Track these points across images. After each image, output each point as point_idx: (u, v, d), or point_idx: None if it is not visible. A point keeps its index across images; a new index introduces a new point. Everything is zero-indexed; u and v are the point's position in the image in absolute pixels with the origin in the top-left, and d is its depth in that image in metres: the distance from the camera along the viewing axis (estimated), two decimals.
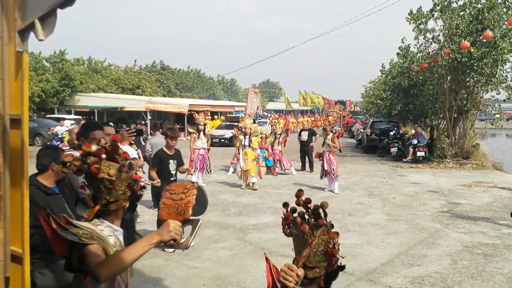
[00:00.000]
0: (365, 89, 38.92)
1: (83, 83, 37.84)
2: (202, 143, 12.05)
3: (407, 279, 5.54)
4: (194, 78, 68.46)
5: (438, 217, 8.89)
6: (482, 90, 17.83)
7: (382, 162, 18.96)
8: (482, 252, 6.61)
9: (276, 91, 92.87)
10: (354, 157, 21.03)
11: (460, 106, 18.28)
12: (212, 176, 13.38)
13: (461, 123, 18.88)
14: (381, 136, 22.38)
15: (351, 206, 9.78)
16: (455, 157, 18.19)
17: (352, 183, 12.89)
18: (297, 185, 12.53)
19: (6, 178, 2.13)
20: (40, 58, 36.34)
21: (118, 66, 51.22)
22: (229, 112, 44.51)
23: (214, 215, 8.81)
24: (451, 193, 11.59)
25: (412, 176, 14.54)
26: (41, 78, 33.02)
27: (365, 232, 7.72)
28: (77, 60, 43.95)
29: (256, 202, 10.20)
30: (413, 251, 6.69)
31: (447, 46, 16.92)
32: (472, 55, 15.89)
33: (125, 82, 46.27)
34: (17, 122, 2.20)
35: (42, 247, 3.22)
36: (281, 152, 15.00)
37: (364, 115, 46.59)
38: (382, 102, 28.94)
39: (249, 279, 5.48)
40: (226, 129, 27.62)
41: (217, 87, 74.01)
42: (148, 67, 57.84)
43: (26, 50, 2.24)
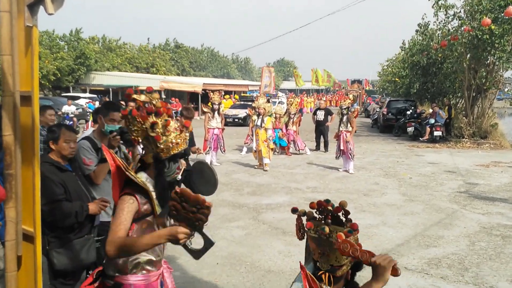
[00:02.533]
0: (382, 67, 38.36)
1: (98, 61, 37.92)
2: (216, 122, 11.98)
3: (423, 260, 5.47)
4: (208, 56, 68.20)
5: (455, 197, 8.76)
6: (503, 68, 17.42)
7: (398, 142, 18.74)
8: (500, 234, 6.49)
9: (291, 70, 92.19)
10: (370, 137, 20.82)
11: (479, 85, 17.89)
12: (226, 156, 13.36)
13: (480, 102, 18.52)
14: (397, 115, 22.08)
15: (366, 186, 9.69)
16: (472, 136, 17.89)
17: (368, 163, 12.77)
18: (311, 165, 12.46)
19: (17, 156, 2.09)
20: (55, 36, 36.36)
21: (133, 45, 51.17)
22: (243, 91, 44.32)
23: (228, 195, 8.80)
24: (468, 173, 11.41)
25: (429, 156, 14.35)
26: (56, 56, 33.12)
27: (380, 213, 7.65)
28: (92, 38, 43.99)
29: (270, 181, 10.17)
30: (430, 232, 6.61)
31: (468, 23, 16.49)
32: (493, 32, 15.46)
33: (140, 61, 46.31)
34: (28, 99, 2.15)
35: (62, 223, 3.26)
36: (295, 132, 14.88)
37: (380, 94, 46.01)
38: (400, 80, 28.48)
39: (262, 259, 5.47)
40: (240, 108, 27.52)
41: (231, 66, 73.68)
42: (162, 45, 57.63)
43: (36, 25, 2.18)
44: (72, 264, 3.33)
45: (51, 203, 3.19)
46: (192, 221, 2.12)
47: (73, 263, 3.34)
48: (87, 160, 3.75)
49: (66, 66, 33.38)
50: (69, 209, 3.25)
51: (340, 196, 8.76)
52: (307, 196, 8.79)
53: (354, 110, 11.89)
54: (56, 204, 3.23)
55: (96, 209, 3.39)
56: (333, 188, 9.56)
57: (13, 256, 2.11)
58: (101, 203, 3.43)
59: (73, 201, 3.33)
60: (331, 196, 8.81)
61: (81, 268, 3.49)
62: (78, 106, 23.34)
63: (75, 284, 3.50)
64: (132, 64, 45.62)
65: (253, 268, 5.18)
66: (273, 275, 4.99)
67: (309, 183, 10.07)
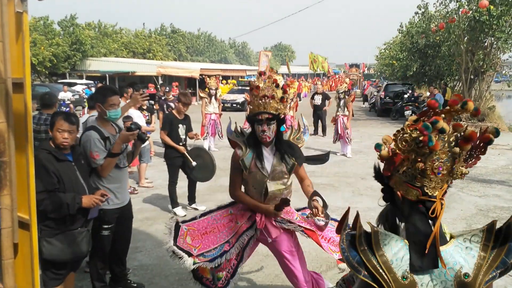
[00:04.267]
0: (380, 51, 38.18)
1: (94, 47, 37.67)
2: (213, 108, 11.95)
3: None
4: (205, 41, 67.80)
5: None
6: (500, 50, 17.36)
7: (396, 125, 18.73)
8: (497, 216, 6.53)
9: (289, 54, 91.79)
10: (368, 121, 20.82)
11: (477, 67, 17.85)
12: (224, 141, 13.33)
13: (477, 84, 18.50)
14: (395, 99, 22.04)
15: (364, 170, 9.71)
16: (470, 119, 17.90)
17: (365, 147, 12.78)
18: (309, 149, 12.47)
19: (10, 144, 2.08)
20: (50, 22, 36.04)
21: (129, 30, 50.81)
22: (240, 76, 44.12)
23: (226, 180, 8.77)
24: None
25: None
26: (51, 42, 32.88)
27: (378, 196, 7.62)
28: (88, 24, 43.65)
29: None
30: None
31: (465, 5, 16.38)
32: (491, 13, 15.37)
33: (136, 46, 46.01)
34: (20, 86, 2.14)
35: (52, 214, 3.18)
36: (292, 117, 14.83)
37: (377, 78, 45.88)
38: (398, 63, 28.39)
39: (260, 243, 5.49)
40: (238, 93, 27.41)
41: (228, 51, 73.31)
42: (158, 30, 57.21)
43: (26, 10, 2.15)
44: (60, 255, 3.25)
45: (43, 192, 3.09)
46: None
47: (62, 255, 3.26)
48: (94, 153, 3.67)
49: (62, 52, 33.16)
50: (60, 200, 3.16)
51: (338, 180, 8.79)
52: None
53: (351, 94, 11.87)
54: (48, 194, 3.13)
55: (89, 203, 3.28)
56: (331, 172, 9.58)
57: (9, 244, 2.11)
58: (95, 198, 3.32)
59: (67, 192, 3.23)
60: (329, 180, 8.83)
61: (72, 260, 3.38)
62: (74, 93, 23.22)
63: (66, 275, 3.44)
64: (128, 50, 45.33)
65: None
66: (271, 259, 5.01)
67: (307, 167, 9.99)
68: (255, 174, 3.26)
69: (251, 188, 3.35)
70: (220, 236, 3.34)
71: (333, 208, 6.94)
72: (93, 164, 3.70)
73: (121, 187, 3.96)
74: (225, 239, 3.33)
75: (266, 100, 3.17)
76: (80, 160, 3.50)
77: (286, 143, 3.43)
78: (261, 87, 3.18)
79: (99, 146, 3.69)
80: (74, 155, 3.42)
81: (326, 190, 8.10)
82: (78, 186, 3.34)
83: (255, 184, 3.30)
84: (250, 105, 3.25)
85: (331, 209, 6.88)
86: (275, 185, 3.31)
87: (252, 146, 3.27)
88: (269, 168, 3.27)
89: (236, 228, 3.35)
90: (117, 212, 3.92)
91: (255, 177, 3.28)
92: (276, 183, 3.31)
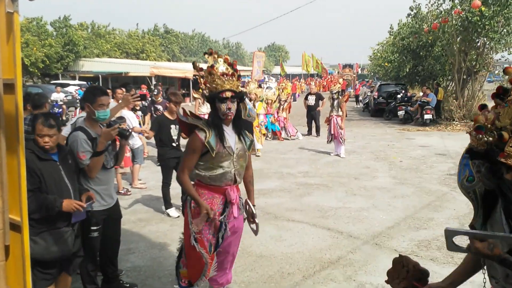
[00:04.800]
0: (373, 51, 38.27)
1: (87, 48, 37.50)
2: (207, 108, 11.90)
3: (413, 242, 5.53)
4: (198, 42, 67.74)
5: (445, 180, 8.84)
6: (493, 50, 17.47)
7: (389, 125, 18.81)
8: None
9: (283, 54, 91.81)
10: (361, 121, 20.87)
11: (469, 67, 17.95)
12: None
13: (470, 84, 18.59)
14: (388, 99, 22.12)
15: (357, 170, 9.74)
16: (463, 119, 18.00)
17: (359, 147, 12.82)
18: (303, 150, 12.50)
19: (1, 145, 2.06)
20: (43, 23, 35.84)
21: (122, 31, 50.66)
22: None
23: None
24: (458, 155, 11.41)
25: (420, 139, 14.43)
26: (44, 43, 32.72)
27: (371, 196, 7.70)
28: (80, 24, 43.47)
29: (262, 167, 10.18)
30: (420, 214, 6.67)
31: (458, 6, 16.47)
32: (484, 14, 15.47)
33: (129, 47, 45.88)
34: (11, 86, 2.12)
35: (34, 215, 3.11)
36: (285, 119, 14.86)
37: (371, 78, 45.98)
38: (390, 64, 28.48)
39: (254, 244, 5.49)
40: None
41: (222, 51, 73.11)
42: (151, 31, 57.08)
43: (17, 10, 2.13)
44: (45, 254, 3.22)
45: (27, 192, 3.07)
46: None
47: (46, 253, 3.24)
48: (80, 153, 3.66)
49: (55, 53, 32.98)
50: (39, 201, 3.13)
51: (332, 180, 8.80)
52: (299, 180, 8.82)
53: (345, 94, 11.90)
54: (32, 193, 3.09)
55: (69, 208, 3.23)
56: (324, 172, 9.59)
57: (1, 246, 2.10)
58: (75, 204, 3.26)
59: (50, 191, 3.21)
60: (323, 180, 8.85)
61: (57, 259, 3.34)
62: (67, 94, 23.09)
63: (55, 275, 3.42)
64: (121, 50, 45.19)
65: (244, 253, 5.20)
66: (264, 260, 5.02)
67: (301, 167, 10.10)
68: (222, 154, 3.27)
69: (214, 168, 3.31)
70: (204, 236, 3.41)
71: (327, 209, 6.96)
72: (80, 165, 3.69)
73: (108, 189, 3.96)
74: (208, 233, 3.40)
75: (226, 77, 3.21)
76: (68, 160, 3.49)
77: (243, 121, 3.47)
78: (216, 66, 3.21)
79: (85, 146, 3.69)
80: (60, 155, 3.41)
81: (320, 190, 8.12)
82: (61, 186, 3.31)
83: (221, 164, 3.30)
84: (209, 84, 3.25)
85: (325, 209, 6.91)
86: (239, 163, 3.38)
87: (212, 127, 3.27)
88: (233, 146, 3.32)
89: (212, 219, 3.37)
90: (105, 214, 3.92)
91: (221, 156, 3.28)
92: (240, 160, 3.39)
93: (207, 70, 3.23)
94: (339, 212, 6.79)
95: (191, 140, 3.30)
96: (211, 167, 3.31)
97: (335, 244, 5.50)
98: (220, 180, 3.33)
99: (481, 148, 1.74)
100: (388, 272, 2.14)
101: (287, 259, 5.05)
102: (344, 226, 6.15)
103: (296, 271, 4.73)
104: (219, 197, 3.38)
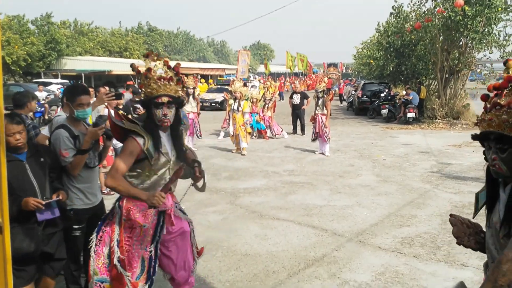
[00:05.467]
0: (357, 50, 38.53)
1: (70, 46, 37.07)
2: (191, 107, 11.91)
3: (397, 239, 5.59)
4: (183, 40, 67.39)
5: (428, 177, 8.94)
6: (475, 50, 17.70)
7: (373, 124, 18.97)
8: (471, 212, 6.64)
9: (268, 53, 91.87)
10: (345, 120, 21.01)
11: (452, 66, 18.17)
12: (202, 141, 13.32)
13: (452, 83, 18.81)
14: (372, 98, 22.31)
15: (341, 168, 9.80)
16: (445, 117, 18.22)
17: (343, 145, 12.90)
18: (288, 148, 12.53)
19: None
20: (25, 21, 35.33)
21: (105, 29, 50.17)
22: (219, 75, 43.98)
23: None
24: (441, 153, 11.64)
25: (403, 137, 14.58)
26: (26, 41, 32.26)
27: (355, 194, 7.76)
28: (63, 22, 42.94)
29: (247, 166, 10.18)
30: (403, 211, 6.74)
31: (441, 5, 16.65)
32: (466, 13, 15.66)
33: (112, 45, 45.48)
34: None
35: None
36: (270, 118, 14.88)
37: (355, 77, 46.27)
38: (375, 62, 28.68)
39: (239, 243, 5.50)
40: (216, 92, 27.34)
41: (207, 49, 73.02)
42: (135, 29, 56.64)
43: None
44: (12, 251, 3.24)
45: None
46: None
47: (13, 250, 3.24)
48: (63, 151, 3.63)
49: (37, 52, 32.57)
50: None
51: (316, 178, 8.84)
52: (284, 179, 8.84)
53: (330, 93, 11.95)
54: None
55: (28, 206, 3.19)
56: (309, 170, 9.63)
57: None
58: (33, 202, 3.21)
59: (12, 193, 3.12)
60: (308, 178, 8.89)
61: (23, 258, 3.30)
62: (49, 92, 22.80)
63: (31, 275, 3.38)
64: (104, 48, 44.78)
65: (229, 252, 5.21)
66: (249, 259, 5.03)
67: (286, 166, 10.13)
68: (159, 160, 3.12)
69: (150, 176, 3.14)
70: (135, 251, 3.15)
71: (311, 207, 7.00)
72: (63, 162, 3.66)
73: (92, 187, 3.93)
74: (140, 248, 3.16)
75: (163, 82, 3.07)
76: (39, 158, 3.46)
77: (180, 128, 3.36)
78: (153, 69, 3.09)
79: (68, 144, 3.66)
80: (29, 153, 3.39)
81: (305, 188, 8.15)
82: (25, 185, 3.30)
83: (157, 171, 3.14)
84: (144, 88, 3.10)
85: (309, 207, 6.95)
86: (175, 169, 3.22)
87: (149, 132, 3.10)
88: (170, 152, 3.19)
89: (145, 232, 3.15)
90: (89, 212, 3.89)
91: (158, 164, 3.13)
92: (175, 166, 3.23)
93: (143, 73, 3.10)
94: (323, 210, 6.83)
95: (129, 143, 3.07)
96: (147, 175, 3.14)
97: (319, 242, 5.53)
98: (154, 189, 3.14)
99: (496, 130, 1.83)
100: (453, 233, 2.23)
101: (272, 257, 5.06)
102: (329, 224, 6.19)
103: (281, 269, 4.74)
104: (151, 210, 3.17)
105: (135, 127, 3.08)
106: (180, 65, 3.32)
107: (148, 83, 3.08)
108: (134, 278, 3.11)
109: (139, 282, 3.13)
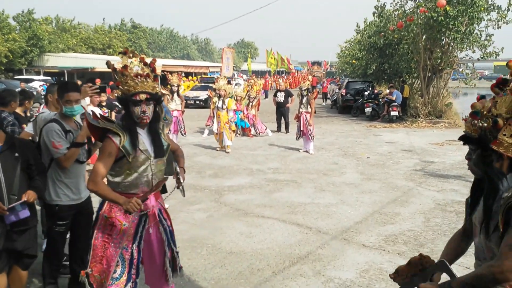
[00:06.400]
0: (341, 49, 38.68)
1: (52, 42, 36.57)
2: (175, 104, 11.84)
3: (381, 237, 5.63)
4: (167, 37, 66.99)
5: (411, 175, 9.02)
6: (457, 49, 17.90)
7: (356, 122, 19.09)
8: (454, 210, 6.74)
9: (252, 51, 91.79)
10: (329, 118, 21.10)
11: (434, 65, 18.36)
12: (187, 138, 13.26)
13: (435, 82, 19.02)
14: (356, 96, 22.44)
15: (326, 166, 9.84)
16: (428, 116, 18.40)
17: (327, 144, 12.95)
18: (272, 146, 12.54)
19: None
20: (5, 16, 34.73)
21: (88, 25, 49.60)
22: (204, 72, 43.82)
23: (189, 177, 8.72)
24: (424, 151, 11.76)
25: (386, 136, 14.69)
26: (7, 37, 31.73)
27: (339, 192, 7.79)
28: (45, 19, 42.35)
29: (231, 163, 10.16)
30: (387, 209, 6.79)
31: (423, 5, 16.81)
32: (448, 13, 15.84)
33: (95, 42, 45.01)
34: None
35: None
36: (254, 116, 14.87)
37: (339, 76, 46.49)
38: (357, 62, 28.87)
39: (224, 240, 5.48)
40: (201, 90, 27.23)
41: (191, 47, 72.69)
42: (118, 26, 56.12)
43: None
44: None
45: None
46: None
47: None
48: (56, 143, 3.65)
49: (19, 48, 32.06)
50: None
51: (301, 176, 8.86)
52: (269, 177, 8.84)
53: (314, 91, 11.99)
54: None
55: None
56: (293, 168, 9.65)
57: None
58: None
59: None
60: (292, 176, 8.90)
61: None
62: (31, 89, 22.45)
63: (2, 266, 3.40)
64: (87, 45, 44.27)
65: (214, 250, 5.19)
66: (234, 256, 5.02)
67: (271, 164, 10.13)
68: (138, 157, 3.05)
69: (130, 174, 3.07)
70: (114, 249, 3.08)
71: (296, 205, 7.01)
72: (56, 154, 3.67)
73: (78, 183, 3.91)
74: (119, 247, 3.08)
75: (140, 79, 3.03)
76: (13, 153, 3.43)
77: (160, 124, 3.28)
78: (129, 66, 3.04)
79: (61, 136, 3.69)
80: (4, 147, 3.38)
81: (289, 186, 8.16)
82: None
83: (138, 169, 3.07)
84: (121, 86, 3.04)
85: (294, 205, 6.96)
86: (157, 166, 3.17)
87: (127, 129, 3.04)
88: (150, 149, 3.12)
89: (124, 231, 3.08)
90: (74, 209, 3.86)
91: (138, 161, 3.06)
92: (158, 164, 3.17)
93: (120, 70, 3.05)
94: (308, 207, 6.85)
95: (106, 144, 3.01)
96: (128, 173, 3.06)
97: (304, 239, 5.54)
98: (135, 186, 3.08)
99: (474, 135, 1.84)
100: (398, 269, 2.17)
101: (257, 255, 5.05)
102: (313, 222, 6.21)
103: (266, 267, 4.74)
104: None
105: (110, 125, 3.03)
106: (156, 61, 3.28)
107: (125, 80, 3.03)
108: (109, 277, 3.04)
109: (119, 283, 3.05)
